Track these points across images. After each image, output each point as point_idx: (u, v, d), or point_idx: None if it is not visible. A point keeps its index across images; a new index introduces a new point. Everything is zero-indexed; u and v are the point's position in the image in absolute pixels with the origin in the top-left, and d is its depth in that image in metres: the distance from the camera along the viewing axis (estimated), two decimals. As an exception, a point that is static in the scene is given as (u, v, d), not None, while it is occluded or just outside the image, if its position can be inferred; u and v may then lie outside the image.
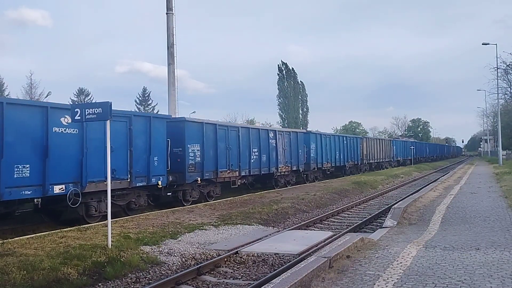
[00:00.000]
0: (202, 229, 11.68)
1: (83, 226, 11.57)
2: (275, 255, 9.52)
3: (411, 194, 19.49)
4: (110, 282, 7.66)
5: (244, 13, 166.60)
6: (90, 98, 72.54)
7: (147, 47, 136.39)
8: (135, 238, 9.97)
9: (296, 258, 9.14)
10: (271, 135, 23.13)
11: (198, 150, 17.15)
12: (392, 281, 6.00)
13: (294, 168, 25.48)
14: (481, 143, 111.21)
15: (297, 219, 15.09)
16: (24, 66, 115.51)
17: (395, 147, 50.30)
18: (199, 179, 17.01)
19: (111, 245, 8.93)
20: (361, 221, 14.20)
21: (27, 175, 10.91)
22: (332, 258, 6.91)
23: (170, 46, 25.78)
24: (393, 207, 13.14)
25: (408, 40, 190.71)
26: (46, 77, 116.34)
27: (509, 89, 54.62)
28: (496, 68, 44.69)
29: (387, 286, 5.77)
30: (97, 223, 12.27)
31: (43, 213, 12.69)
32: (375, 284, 5.87)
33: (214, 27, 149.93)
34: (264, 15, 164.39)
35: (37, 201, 11.48)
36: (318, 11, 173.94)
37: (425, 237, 9.19)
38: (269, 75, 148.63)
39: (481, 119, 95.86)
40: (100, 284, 7.54)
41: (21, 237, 10.10)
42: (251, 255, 9.52)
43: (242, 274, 8.46)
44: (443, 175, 34.14)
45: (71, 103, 47.39)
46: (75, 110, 9.13)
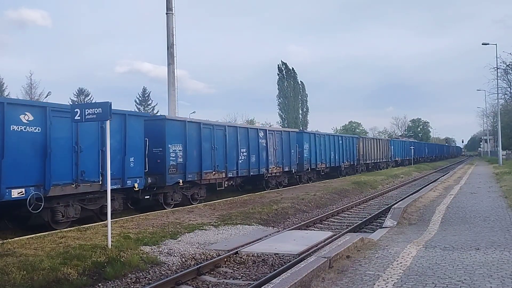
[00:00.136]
0: (202, 229, 11.68)
1: (83, 226, 11.56)
2: (275, 255, 9.52)
3: (411, 194, 19.49)
4: (110, 282, 7.66)
5: (244, 13, 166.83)
6: (90, 98, 72.61)
7: (147, 47, 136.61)
8: (135, 238, 9.97)
9: (296, 258, 9.13)
10: (261, 134, 22.22)
11: (180, 150, 16.24)
12: (392, 281, 6.00)
13: (286, 169, 24.54)
14: (481, 143, 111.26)
15: (297, 219, 15.10)
16: (24, 66, 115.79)
17: (393, 147, 49.78)
18: (181, 181, 16.08)
19: (111, 245, 8.93)
20: (361, 221, 14.20)
21: None
22: (332, 258, 6.91)
23: (170, 46, 25.79)
24: (393, 207, 13.15)
25: (408, 40, 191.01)
26: (46, 77, 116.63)
27: (509, 89, 54.70)
28: (496, 68, 44.80)
29: (387, 286, 5.77)
30: (97, 223, 12.25)
31: (5, 219, 11.67)
32: (375, 284, 5.87)
33: (214, 27, 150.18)
34: (264, 15, 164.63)
35: None
36: (318, 11, 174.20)
37: (425, 237, 9.19)
38: (269, 75, 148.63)
39: (481, 119, 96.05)
40: (100, 284, 7.54)
41: (21, 237, 10.09)
42: (251, 255, 9.52)
43: (242, 274, 8.45)
44: (443, 175, 34.16)
45: (71, 103, 47.43)
46: (75, 110, 9.14)
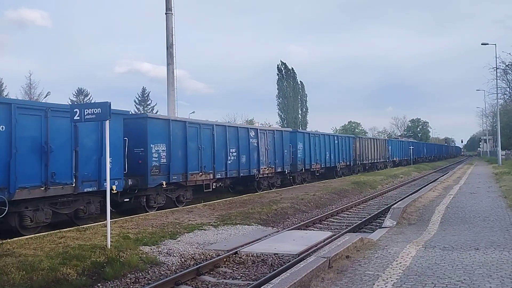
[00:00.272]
0: (202, 229, 11.68)
1: (82, 226, 11.55)
2: (274, 255, 9.51)
3: (411, 194, 19.50)
4: (109, 282, 7.66)
5: (244, 13, 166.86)
6: (90, 98, 72.63)
7: (146, 47, 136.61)
8: (134, 238, 9.96)
9: (295, 258, 9.13)
10: (251, 134, 21.38)
11: (163, 150, 15.41)
12: (392, 281, 6.00)
13: (279, 170, 23.75)
14: (480, 143, 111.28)
15: (296, 219, 15.10)
16: (24, 66, 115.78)
17: (390, 147, 49.14)
18: (164, 182, 15.24)
19: (110, 245, 8.92)
20: (360, 221, 14.20)
21: None
22: (332, 258, 6.90)
23: (169, 46, 25.78)
24: (392, 207, 13.15)
25: (407, 40, 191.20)
26: (45, 77, 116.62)
27: (508, 89, 54.85)
28: (495, 68, 44.93)
29: (386, 286, 5.77)
30: (97, 223, 12.25)
31: None
32: (374, 284, 5.87)
33: (214, 27, 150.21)
34: (264, 15, 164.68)
35: None
36: (318, 11, 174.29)
37: (425, 237, 9.19)
38: (269, 75, 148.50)
39: (480, 119, 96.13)
40: (99, 285, 7.53)
41: (20, 238, 10.09)
42: (250, 255, 9.52)
43: (241, 274, 8.45)
44: (442, 175, 34.17)
45: (70, 103, 47.40)
46: (74, 110, 9.13)
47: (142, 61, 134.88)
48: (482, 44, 41.32)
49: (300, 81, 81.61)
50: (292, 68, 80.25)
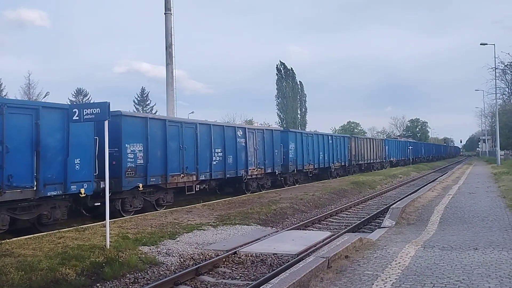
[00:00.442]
0: (201, 229, 11.68)
1: (81, 226, 11.55)
2: (273, 255, 9.52)
3: (410, 194, 19.50)
4: (108, 282, 7.65)
5: (243, 13, 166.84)
6: (89, 98, 72.51)
7: (145, 47, 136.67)
8: (133, 239, 9.96)
9: (294, 258, 9.13)
10: (239, 133, 20.30)
11: (140, 150, 14.41)
12: (391, 281, 6.01)
13: (269, 171, 22.79)
14: (479, 143, 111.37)
15: (295, 219, 15.10)
16: (23, 66, 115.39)
17: (387, 147, 48.38)
18: (141, 185, 14.26)
19: (110, 245, 8.92)
20: (359, 221, 14.21)
21: None
22: (331, 258, 6.91)
23: (169, 47, 25.80)
24: (391, 207, 13.15)
25: (407, 40, 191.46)
26: (44, 77, 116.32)
27: (507, 89, 55.04)
28: (494, 68, 45.05)
29: (385, 286, 5.78)
30: (96, 223, 12.23)
31: None
32: (373, 284, 5.87)
33: (213, 27, 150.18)
34: (263, 15, 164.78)
35: None
36: (317, 11, 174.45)
37: (424, 237, 9.20)
38: (268, 75, 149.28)
39: (479, 119, 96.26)
40: (98, 285, 7.53)
41: (19, 238, 10.07)
42: (249, 255, 9.52)
43: (240, 274, 8.45)
44: (441, 175, 34.21)
45: (69, 103, 47.36)
46: (73, 110, 9.13)
47: (141, 61, 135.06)
48: (481, 44, 41.40)
49: (300, 81, 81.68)
50: (291, 68, 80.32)
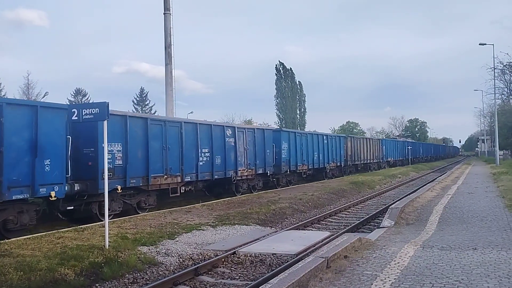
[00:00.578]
0: (200, 229, 11.68)
1: (80, 226, 11.53)
2: (272, 255, 9.52)
3: (409, 194, 19.51)
4: (107, 282, 7.65)
5: (242, 13, 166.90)
6: (88, 98, 72.45)
7: (144, 47, 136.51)
8: (132, 239, 9.95)
9: (293, 258, 9.13)
10: (228, 132, 19.48)
11: (119, 150, 13.64)
12: (390, 281, 6.01)
13: (260, 171, 21.91)
14: (478, 143, 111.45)
15: (294, 219, 15.10)
16: (22, 66, 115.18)
17: (385, 147, 47.83)
18: (119, 187, 13.42)
19: (109, 245, 8.92)
20: (358, 221, 14.22)
21: None
22: (330, 258, 6.91)
23: (168, 47, 25.79)
24: (390, 207, 13.16)
25: (406, 40, 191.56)
26: (43, 77, 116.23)
27: (506, 89, 55.05)
28: (493, 69, 45.00)
29: (384, 286, 5.78)
30: (95, 223, 12.21)
31: None
32: (372, 284, 5.88)
33: (212, 27, 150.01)
34: (262, 15, 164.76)
35: None
36: (316, 11, 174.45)
37: (423, 237, 9.21)
38: (268, 75, 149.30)
39: (478, 119, 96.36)
40: (97, 285, 7.53)
41: (18, 238, 10.07)
42: (248, 255, 9.52)
43: (239, 275, 8.45)
44: (440, 175, 34.23)
45: (68, 103, 47.28)
46: (72, 110, 9.13)
47: (140, 61, 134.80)
48: (480, 45, 41.37)
49: (299, 81, 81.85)
50: (290, 68, 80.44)
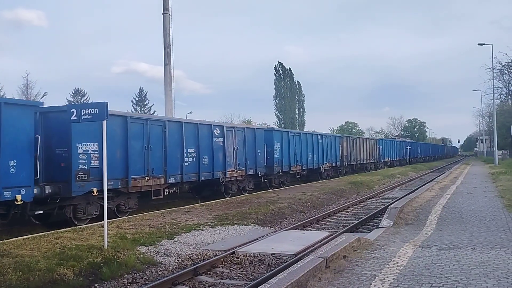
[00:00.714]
0: (199, 229, 11.67)
1: (79, 227, 11.53)
2: (271, 255, 9.52)
3: (408, 194, 19.53)
4: (106, 282, 7.65)
5: (241, 13, 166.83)
6: (87, 98, 72.50)
7: (143, 47, 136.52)
8: (131, 239, 9.95)
9: (292, 258, 9.14)
10: (216, 131, 18.66)
11: (95, 150, 12.67)
12: (389, 281, 6.02)
13: (251, 172, 21.14)
14: (477, 143, 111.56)
15: (293, 219, 15.11)
16: (20, 66, 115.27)
17: (382, 147, 47.20)
18: (95, 189, 12.32)
19: (108, 245, 8.91)
20: (357, 221, 14.23)
21: None
22: (329, 258, 6.92)
23: (167, 47, 25.82)
24: (389, 207, 13.16)
25: (405, 40, 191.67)
26: (42, 77, 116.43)
27: (504, 89, 55.17)
28: (491, 69, 45.11)
29: (383, 286, 5.79)
30: (94, 223, 12.20)
31: None
32: (371, 284, 5.88)
33: (212, 27, 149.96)
34: (262, 15, 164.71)
35: None
36: (316, 11, 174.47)
37: (421, 237, 9.22)
38: (267, 75, 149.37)
39: (477, 119, 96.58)
40: (96, 285, 7.53)
41: (17, 238, 10.06)
42: (247, 255, 9.52)
43: (238, 275, 8.46)
44: (439, 175, 34.24)
45: (67, 103, 47.33)
46: (71, 110, 9.13)
47: (139, 61, 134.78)
48: (478, 45, 41.45)
49: (298, 81, 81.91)
50: (290, 68, 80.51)
